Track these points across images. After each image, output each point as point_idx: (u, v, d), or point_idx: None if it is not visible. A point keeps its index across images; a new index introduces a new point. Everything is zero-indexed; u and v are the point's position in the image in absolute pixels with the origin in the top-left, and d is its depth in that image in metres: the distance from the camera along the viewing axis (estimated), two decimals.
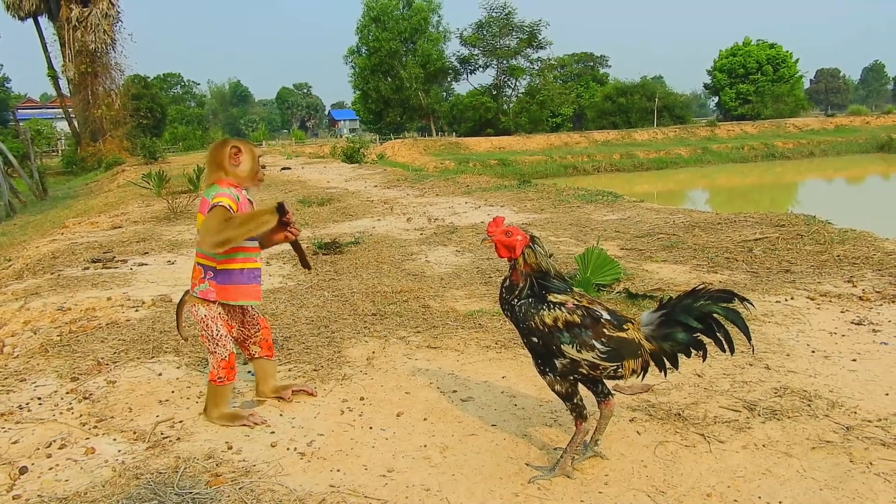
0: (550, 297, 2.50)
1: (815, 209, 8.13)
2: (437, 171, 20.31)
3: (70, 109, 41.22)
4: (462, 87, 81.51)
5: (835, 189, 32.69)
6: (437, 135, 57.43)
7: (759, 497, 2.39)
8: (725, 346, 2.49)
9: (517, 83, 59.00)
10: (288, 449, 2.87)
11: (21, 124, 37.38)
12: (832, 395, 3.15)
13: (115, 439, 3.03)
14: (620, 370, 2.47)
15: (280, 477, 2.63)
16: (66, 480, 2.67)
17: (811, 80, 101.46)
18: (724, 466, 2.60)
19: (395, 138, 51.65)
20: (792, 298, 4.65)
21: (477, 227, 8.19)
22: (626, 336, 2.46)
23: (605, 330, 2.45)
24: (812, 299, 4.62)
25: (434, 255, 6.72)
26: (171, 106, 74.11)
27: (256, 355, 3.36)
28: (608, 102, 60.58)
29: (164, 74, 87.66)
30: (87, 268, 6.87)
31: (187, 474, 2.67)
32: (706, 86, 70.44)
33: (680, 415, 3.02)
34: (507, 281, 2.59)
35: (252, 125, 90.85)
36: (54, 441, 3.02)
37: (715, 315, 2.48)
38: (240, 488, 2.54)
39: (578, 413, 2.55)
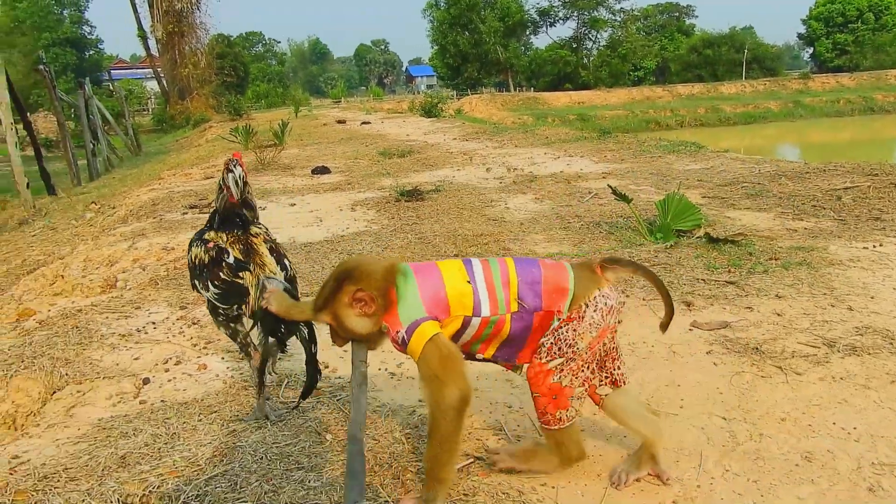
0: None
1: None
2: (515, 126, 20.14)
3: (159, 69, 42.79)
4: (541, 41, 79.88)
5: None
6: (514, 90, 56.73)
7: (834, 423, 2.45)
8: None
9: (598, 36, 57.67)
10: (379, 370, 3.09)
11: (115, 83, 39.04)
12: None
13: (223, 358, 3.32)
14: None
15: (373, 392, 2.85)
16: (184, 390, 2.98)
17: None
18: (800, 396, 2.66)
19: (472, 94, 51.33)
20: (881, 245, 4.56)
21: (556, 176, 8.22)
22: None
23: None
24: None
25: (513, 202, 6.82)
26: (252, 64, 75.56)
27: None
28: (694, 55, 58.27)
29: (246, 33, 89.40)
30: (186, 213, 7.31)
31: (290, 387, 2.93)
32: (800, 36, 66.95)
33: (758, 349, 3.07)
34: None
35: (331, 82, 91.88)
36: (170, 358, 3.34)
37: None
38: (337, 399, 2.78)
39: None
